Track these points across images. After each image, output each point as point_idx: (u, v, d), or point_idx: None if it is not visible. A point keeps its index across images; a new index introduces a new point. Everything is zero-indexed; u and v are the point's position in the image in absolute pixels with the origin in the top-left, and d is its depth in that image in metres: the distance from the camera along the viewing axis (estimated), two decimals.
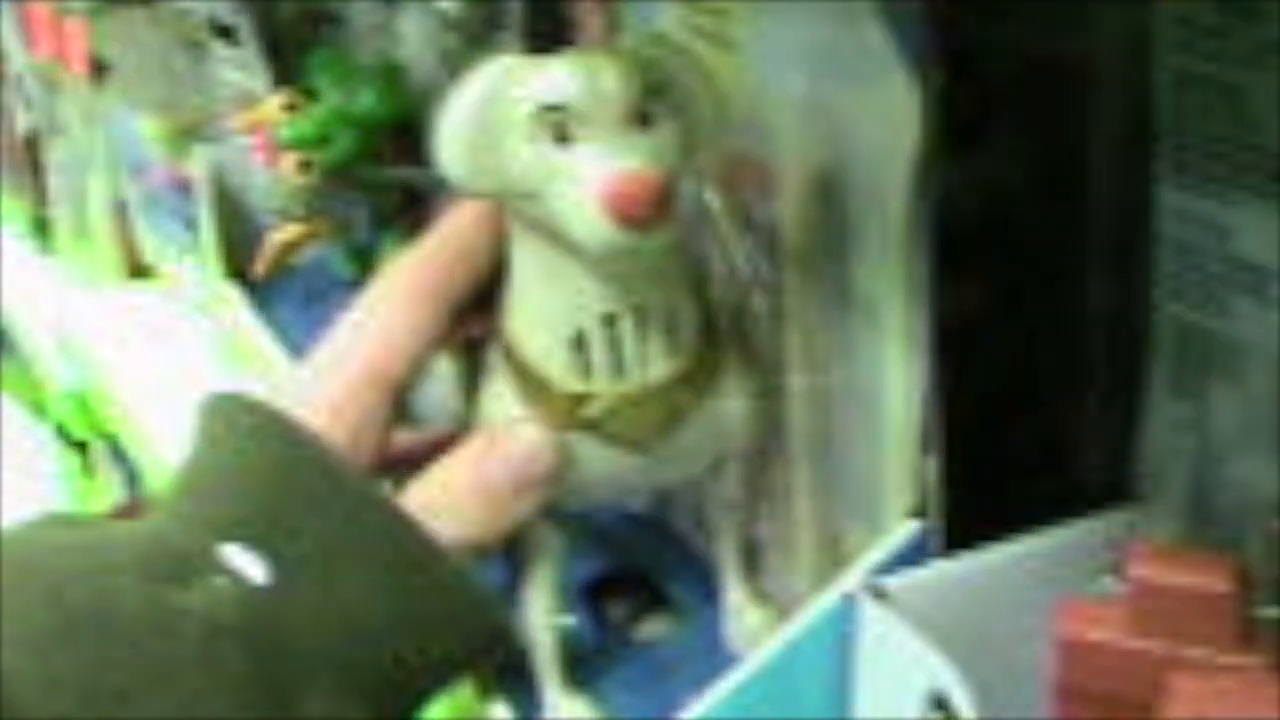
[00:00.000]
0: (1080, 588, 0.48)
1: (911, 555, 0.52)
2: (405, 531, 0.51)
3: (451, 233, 0.57)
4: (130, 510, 1.26)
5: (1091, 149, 0.54)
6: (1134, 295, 0.51)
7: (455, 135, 0.52)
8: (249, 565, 0.50)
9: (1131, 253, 0.51)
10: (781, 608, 0.62)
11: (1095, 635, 0.45)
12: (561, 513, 0.59)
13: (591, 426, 0.55)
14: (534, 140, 0.51)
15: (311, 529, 0.51)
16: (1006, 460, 0.54)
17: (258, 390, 0.55)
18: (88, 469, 1.46)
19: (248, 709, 0.48)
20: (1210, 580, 0.44)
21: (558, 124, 0.50)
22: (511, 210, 0.54)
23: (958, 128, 0.49)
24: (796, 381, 0.59)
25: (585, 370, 0.55)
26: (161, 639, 0.48)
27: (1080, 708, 0.46)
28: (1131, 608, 0.45)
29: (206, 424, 0.54)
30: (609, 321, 0.54)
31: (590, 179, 0.50)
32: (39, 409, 1.61)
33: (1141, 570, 0.45)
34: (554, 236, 0.52)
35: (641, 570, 0.70)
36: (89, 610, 0.48)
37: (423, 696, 0.54)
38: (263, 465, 0.52)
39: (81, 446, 1.44)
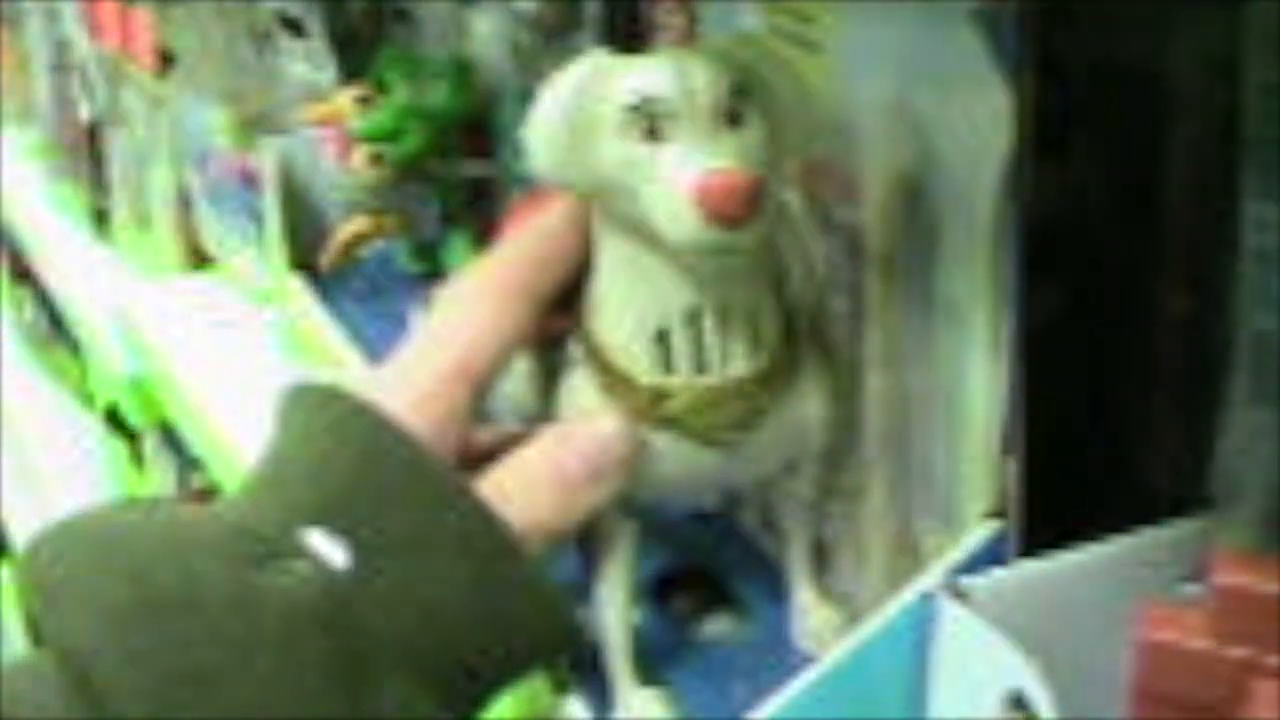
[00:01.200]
0: (1157, 592, 0.48)
1: (989, 556, 0.53)
2: (485, 525, 0.52)
3: (539, 231, 0.58)
4: (195, 500, 1.27)
5: (1177, 158, 0.54)
6: (1214, 302, 0.51)
7: (547, 130, 0.53)
8: (331, 550, 0.50)
9: (1212, 260, 0.51)
10: (850, 608, 0.63)
11: (1176, 639, 0.46)
12: (636, 507, 0.59)
13: (671, 422, 0.56)
14: (625, 136, 0.52)
15: (393, 517, 0.51)
16: (1085, 464, 0.54)
17: (342, 381, 0.56)
18: (137, 459, 1.46)
19: (324, 693, 0.49)
20: None
21: (649, 121, 0.51)
22: (599, 206, 0.55)
23: (1045, 134, 0.49)
24: (875, 382, 0.59)
25: (667, 365, 0.55)
26: (243, 620, 0.48)
27: (1159, 711, 0.46)
28: (1213, 612, 0.45)
29: (289, 412, 0.55)
30: (692, 318, 0.55)
31: (682, 176, 0.50)
32: (87, 398, 1.61)
33: (1224, 575, 0.45)
34: (641, 232, 0.53)
35: (707, 567, 0.70)
36: (172, 590, 0.49)
37: (492, 690, 0.54)
38: (346, 453, 0.52)
39: (131, 437, 1.45)
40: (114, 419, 1.45)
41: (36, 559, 0.51)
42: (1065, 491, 0.53)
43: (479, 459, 0.57)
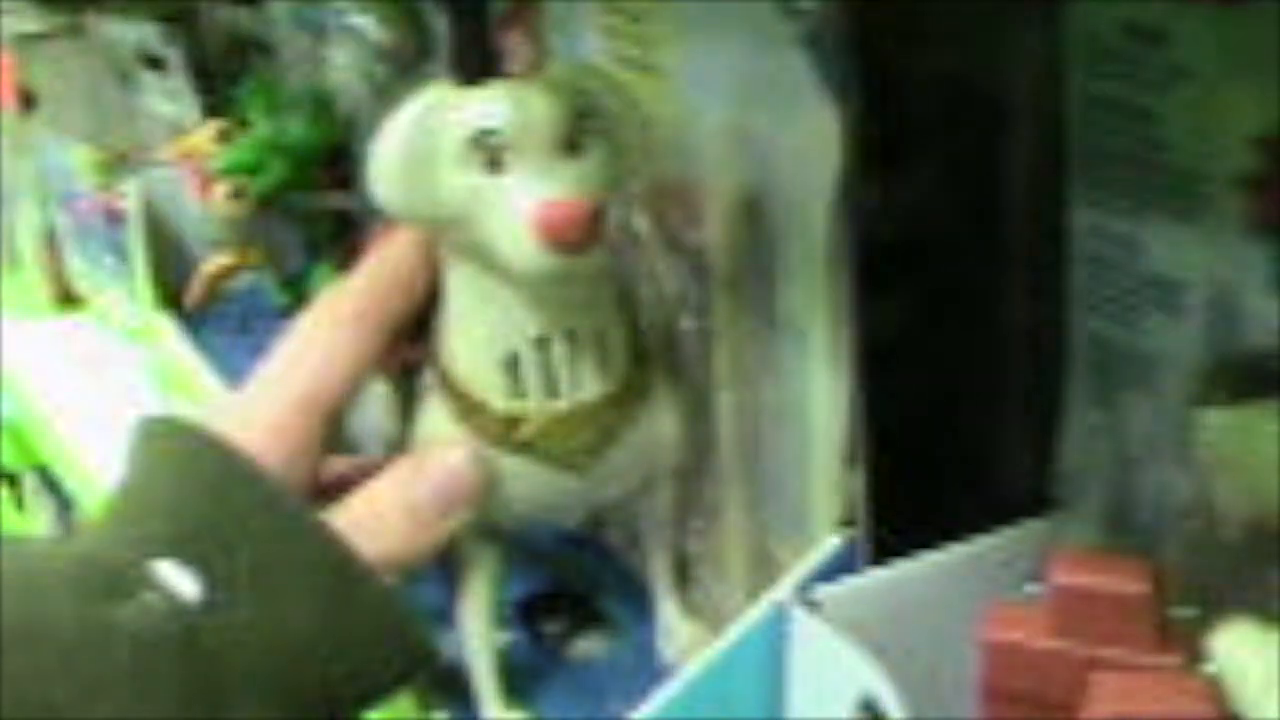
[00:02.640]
0: (1004, 594, 0.50)
1: (840, 566, 0.54)
2: (336, 553, 0.52)
3: (386, 259, 0.58)
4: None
5: (1006, 170, 0.55)
6: (1050, 310, 0.53)
7: (389, 163, 0.53)
8: (181, 582, 0.50)
9: (1047, 269, 0.52)
10: (713, 621, 0.63)
11: (1019, 637, 0.47)
12: (496, 531, 0.60)
13: (525, 447, 0.56)
14: (466, 167, 0.52)
15: (244, 548, 0.51)
16: (930, 472, 0.55)
17: (192, 414, 0.56)
18: (17, 501, 1.45)
19: None
20: (1128, 583, 0.46)
21: (490, 151, 0.52)
22: (445, 236, 0.55)
23: (878, 152, 0.51)
24: (725, 400, 0.60)
25: (518, 392, 0.56)
26: (93, 654, 0.48)
27: (1005, 708, 0.48)
28: (1053, 611, 0.47)
29: (141, 446, 0.55)
30: (541, 344, 0.55)
31: (521, 205, 0.51)
32: None
33: (1062, 575, 0.47)
34: (486, 261, 0.53)
35: (576, 588, 0.71)
36: (21, 626, 0.48)
37: (349, 712, 0.54)
38: (196, 486, 0.52)
39: (11, 479, 1.43)
40: None
41: None
42: (912, 499, 0.54)
43: (334, 487, 0.57)
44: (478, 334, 0.56)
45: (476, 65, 0.69)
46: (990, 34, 0.53)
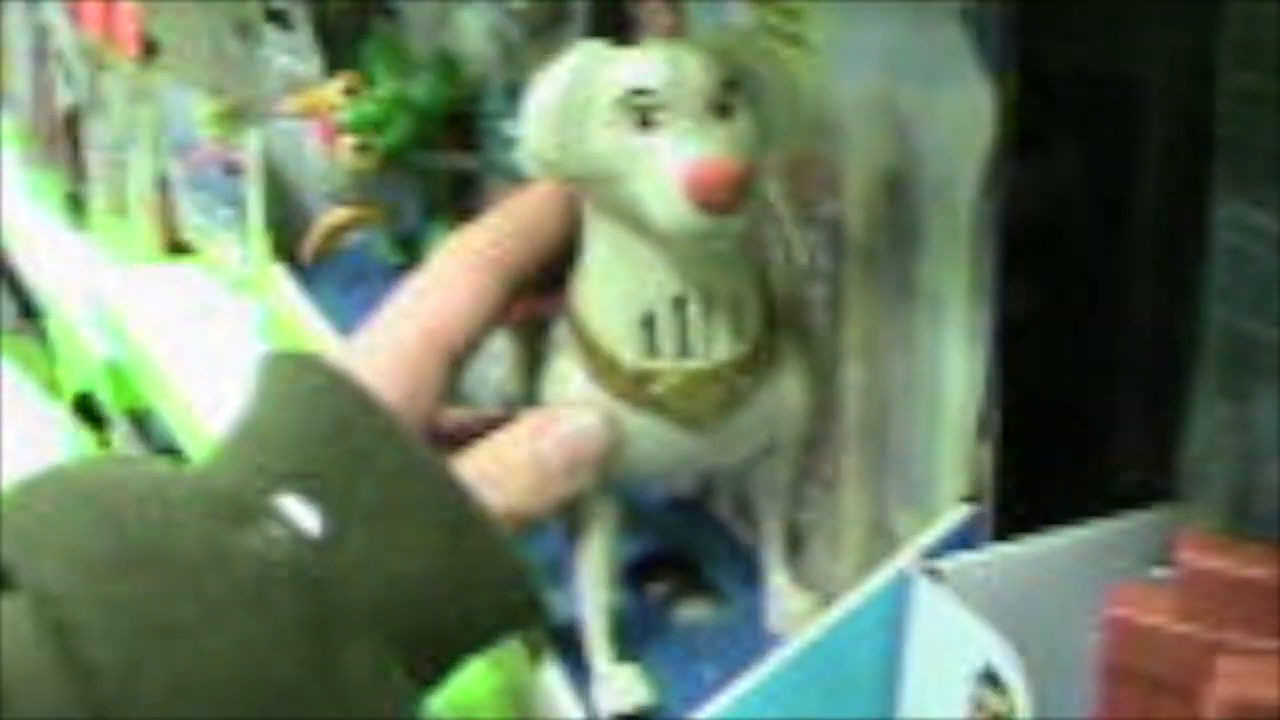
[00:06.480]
0: (1124, 578, 0.50)
1: (962, 540, 0.54)
2: (455, 497, 0.53)
3: (518, 209, 0.59)
4: None
5: (1151, 158, 0.56)
6: (1183, 298, 0.53)
7: (542, 117, 0.54)
8: (304, 516, 0.51)
9: (1185, 258, 0.53)
10: (823, 591, 0.64)
11: (1144, 618, 0.47)
12: (617, 488, 0.60)
13: (654, 405, 0.57)
14: (617, 124, 0.53)
15: (365, 486, 0.52)
16: (1056, 451, 0.56)
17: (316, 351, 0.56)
18: (105, 447, 1.46)
19: (292, 652, 0.49)
20: (1257, 568, 0.46)
21: (642, 109, 0.52)
22: (591, 192, 0.56)
23: (1026, 132, 0.51)
24: (853, 371, 0.61)
25: (652, 349, 0.57)
26: (217, 577, 0.49)
27: (1125, 687, 0.48)
28: (1180, 593, 0.47)
29: (266, 378, 0.56)
30: (678, 303, 0.56)
31: (672, 164, 0.52)
32: (54, 389, 1.61)
33: (1190, 557, 0.47)
34: (630, 219, 0.54)
35: (683, 553, 0.71)
36: (149, 542, 0.50)
37: (460, 656, 0.55)
38: (320, 421, 0.53)
39: (99, 426, 1.45)
40: (83, 408, 1.45)
41: (13, 506, 0.52)
42: (1038, 478, 0.54)
43: (451, 439, 0.57)
44: (616, 290, 0.57)
45: (611, 31, 0.70)
46: (1146, 22, 0.54)
